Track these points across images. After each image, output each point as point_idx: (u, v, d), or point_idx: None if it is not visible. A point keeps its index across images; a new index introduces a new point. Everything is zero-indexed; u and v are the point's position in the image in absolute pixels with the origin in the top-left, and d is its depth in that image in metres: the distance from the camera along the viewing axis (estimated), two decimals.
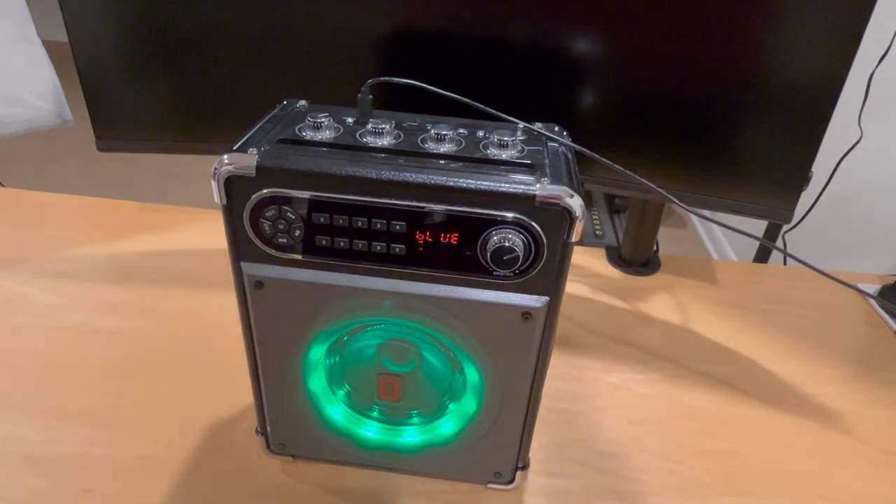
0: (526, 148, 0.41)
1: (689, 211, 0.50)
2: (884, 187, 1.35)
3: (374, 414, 0.49)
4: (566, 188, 0.36)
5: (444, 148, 0.40)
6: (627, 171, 0.46)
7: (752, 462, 0.55)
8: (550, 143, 0.42)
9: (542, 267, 0.39)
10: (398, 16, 0.60)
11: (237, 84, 0.65)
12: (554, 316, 0.41)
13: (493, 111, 0.43)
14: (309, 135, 0.40)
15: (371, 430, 0.49)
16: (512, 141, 0.40)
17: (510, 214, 0.37)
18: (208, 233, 0.84)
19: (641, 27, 0.58)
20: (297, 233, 0.39)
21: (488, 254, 0.38)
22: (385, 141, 0.40)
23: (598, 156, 0.42)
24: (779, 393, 0.63)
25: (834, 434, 0.59)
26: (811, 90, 0.57)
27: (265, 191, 0.38)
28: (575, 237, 0.37)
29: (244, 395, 0.58)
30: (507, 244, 0.37)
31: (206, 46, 0.63)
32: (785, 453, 0.57)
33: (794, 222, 0.68)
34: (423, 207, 0.37)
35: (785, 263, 0.96)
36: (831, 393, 0.64)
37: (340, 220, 0.38)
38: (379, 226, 0.38)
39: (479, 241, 0.38)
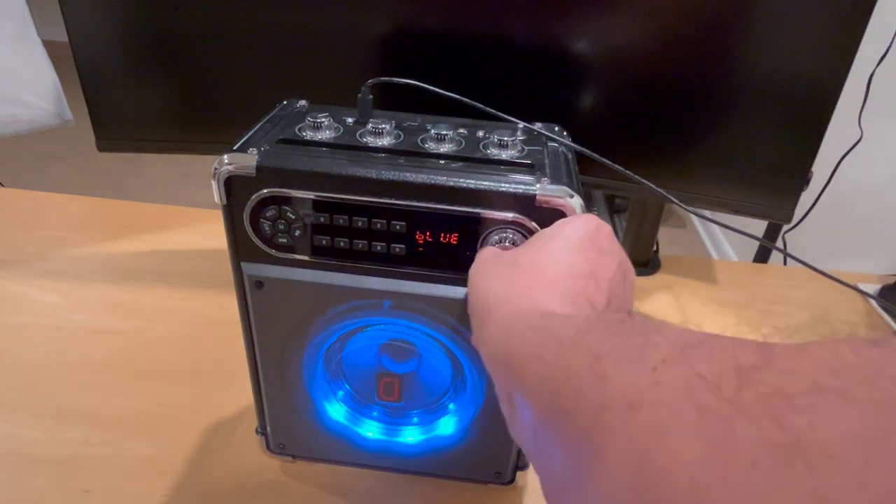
0: (526, 148, 0.41)
1: (689, 211, 0.50)
2: (884, 187, 1.35)
3: (374, 414, 0.49)
4: (566, 188, 0.36)
5: (445, 148, 0.40)
6: (627, 171, 0.46)
7: None
8: (550, 143, 0.42)
9: None
10: (398, 16, 0.60)
11: (237, 84, 0.65)
12: None
13: (493, 111, 0.43)
14: (309, 135, 0.40)
15: (371, 430, 0.49)
16: (512, 141, 0.40)
17: (510, 214, 0.37)
18: (208, 233, 0.84)
19: (641, 27, 0.58)
20: (297, 233, 0.39)
21: None
22: (385, 141, 0.40)
23: (598, 156, 0.42)
24: None
25: None
26: (811, 90, 0.57)
27: (265, 191, 0.38)
28: None
29: (244, 395, 0.58)
30: (507, 244, 0.37)
31: (206, 46, 0.63)
32: None
33: (794, 222, 0.68)
34: (423, 207, 0.37)
35: (785, 263, 0.96)
36: None
37: (340, 220, 0.38)
38: (379, 226, 0.38)
39: (480, 241, 0.38)
